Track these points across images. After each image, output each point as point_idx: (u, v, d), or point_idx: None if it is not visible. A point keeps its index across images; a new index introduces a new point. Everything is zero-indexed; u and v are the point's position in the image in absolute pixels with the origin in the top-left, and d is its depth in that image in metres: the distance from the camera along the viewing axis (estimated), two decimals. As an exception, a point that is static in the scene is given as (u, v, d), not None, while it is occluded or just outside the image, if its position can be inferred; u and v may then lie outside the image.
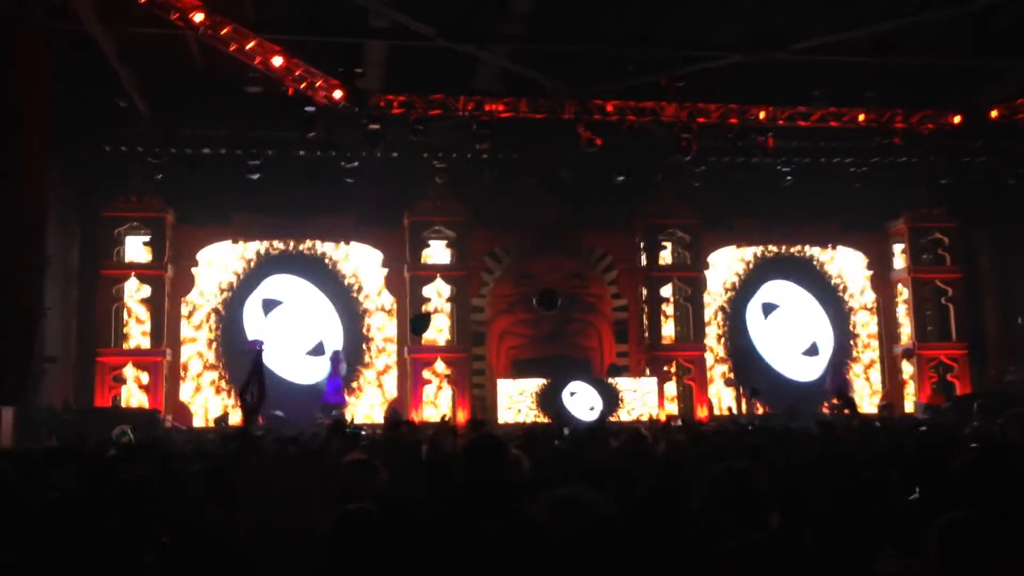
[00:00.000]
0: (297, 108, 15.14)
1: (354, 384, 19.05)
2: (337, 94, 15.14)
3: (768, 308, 20.88)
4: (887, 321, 21.27)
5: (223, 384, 18.62)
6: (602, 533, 3.12)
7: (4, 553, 3.43)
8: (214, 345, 18.83)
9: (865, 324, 21.36)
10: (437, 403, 18.68)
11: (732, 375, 20.05)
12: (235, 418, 17.54)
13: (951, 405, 17.69)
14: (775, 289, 21.01)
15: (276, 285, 19.21)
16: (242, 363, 17.45)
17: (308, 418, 16.42)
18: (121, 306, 18.16)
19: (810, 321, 20.99)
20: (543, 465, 6.13)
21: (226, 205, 18.59)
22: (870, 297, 21.42)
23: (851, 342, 21.17)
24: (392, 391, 19.23)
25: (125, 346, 18.06)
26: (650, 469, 5.96)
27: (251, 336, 18.31)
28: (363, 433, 12.69)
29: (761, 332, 20.77)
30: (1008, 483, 4.08)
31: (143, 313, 18.20)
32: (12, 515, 4.19)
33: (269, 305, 19.06)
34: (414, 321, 14.81)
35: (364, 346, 19.39)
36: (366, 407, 19.06)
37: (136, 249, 18.48)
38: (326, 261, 19.51)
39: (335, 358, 18.00)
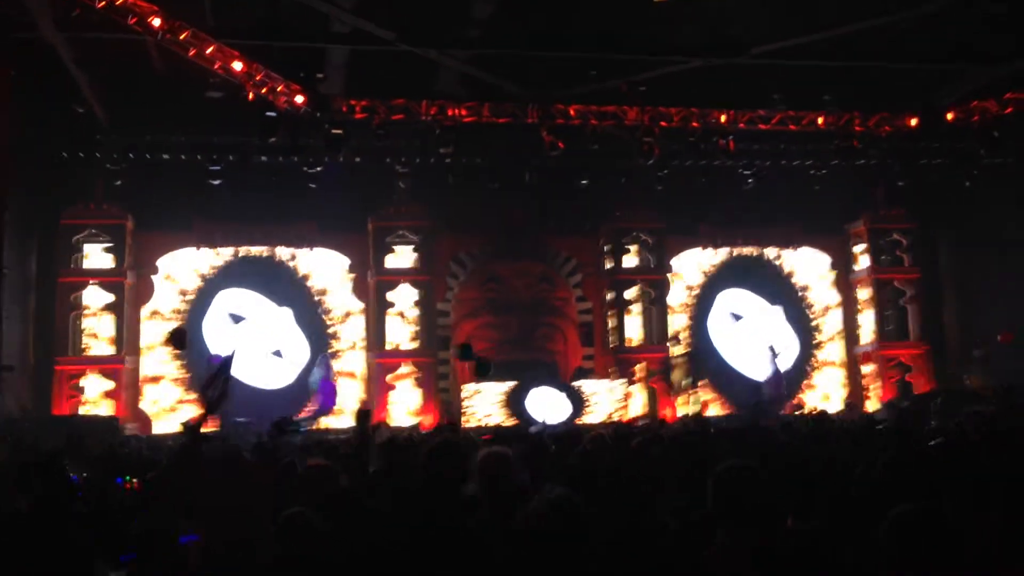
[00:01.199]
0: (258, 113, 15.05)
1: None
2: (298, 99, 15.09)
3: (736, 316, 21.02)
4: (848, 321, 21.51)
5: (184, 391, 18.44)
6: (587, 533, 3.13)
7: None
8: (175, 352, 18.61)
9: (825, 326, 21.58)
10: (390, 409, 18.62)
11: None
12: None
13: (910, 404, 17.89)
14: (738, 293, 21.15)
15: (239, 293, 19.05)
16: (204, 372, 17.33)
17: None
18: (80, 314, 17.92)
19: (771, 323, 21.17)
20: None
21: (187, 212, 18.43)
22: (833, 298, 21.65)
23: (812, 343, 21.38)
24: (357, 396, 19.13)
25: (85, 354, 17.84)
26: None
27: (213, 348, 18.14)
28: (303, 430, 12.57)
29: (724, 335, 20.91)
30: (964, 478, 4.14)
31: (104, 321, 17.97)
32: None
33: (237, 318, 18.92)
34: (466, 355, 14.99)
35: (329, 352, 19.28)
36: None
37: (96, 257, 18.25)
38: (290, 267, 19.39)
39: (324, 361, 17.87)
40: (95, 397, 17.47)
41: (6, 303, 14.41)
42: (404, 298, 19.22)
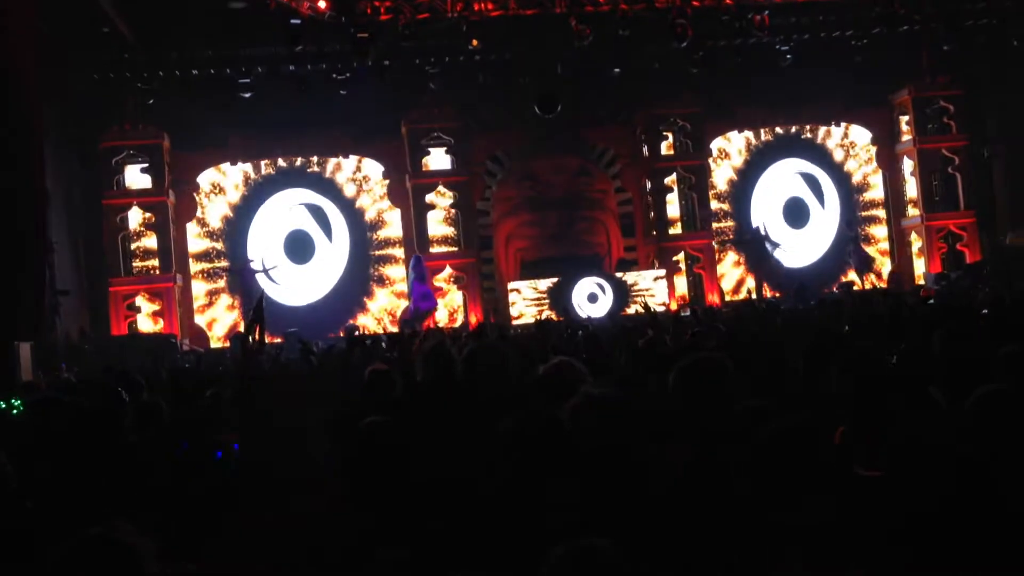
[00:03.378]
0: (282, 22, 14.83)
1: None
2: (321, 4, 14.83)
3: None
4: (894, 194, 21.16)
5: (233, 304, 18.78)
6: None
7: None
8: (221, 267, 18.94)
9: (873, 200, 21.26)
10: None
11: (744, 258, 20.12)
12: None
13: (962, 273, 17.69)
14: (781, 172, 20.82)
15: (279, 206, 19.17)
16: (246, 282, 17.66)
17: (320, 334, 16.54)
18: (127, 235, 18.22)
19: (816, 203, 20.91)
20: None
21: (221, 127, 18.39)
22: (877, 171, 21.26)
23: (859, 219, 21.09)
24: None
25: (135, 275, 18.20)
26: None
27: (252, 256, 18.40)
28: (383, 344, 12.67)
29: (769, 216, 20.67)
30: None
31: (149, 240, 18.26)
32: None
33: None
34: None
35: (369, 258, 19.49)
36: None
37: (136, 177, 18.42)
38: (326, 176, 19.43)
39: (417, 265, 17.95)
40: (149, 316, 17.88)
41: (54, 229, 14.60)
42: (442, 200, 19.21)
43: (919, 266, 20.52)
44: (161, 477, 3.81)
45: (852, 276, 19.95)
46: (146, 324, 17.83)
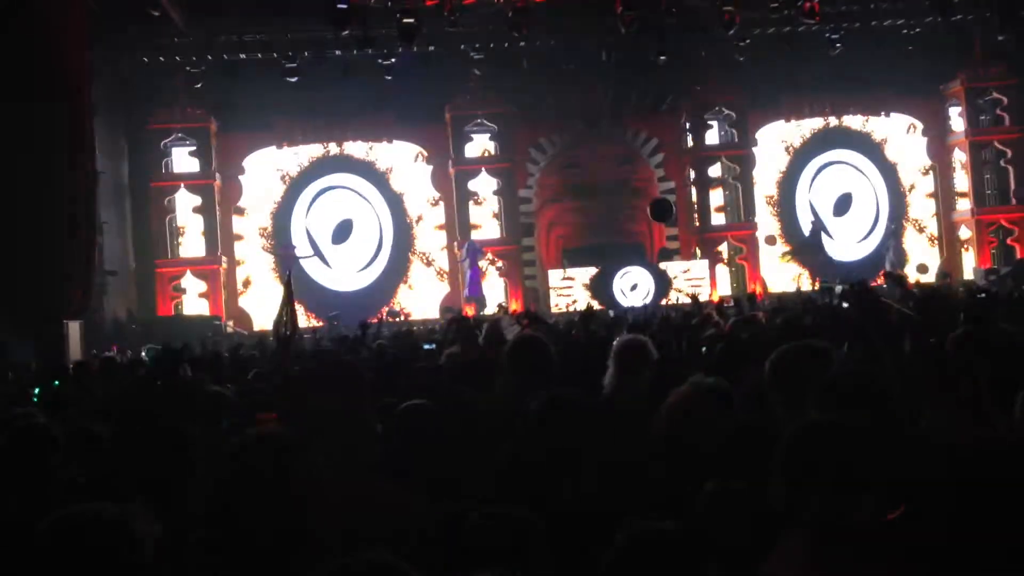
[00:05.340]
0: (329, 6, 14.87)
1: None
2: (368, -12, 14.84)
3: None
4: (944, 187, 20.77)
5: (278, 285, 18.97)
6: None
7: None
8: (267, 250, 19.12)
9: (923, 192, 20.90)
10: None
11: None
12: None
13: (1011, 269, 17.34)
14: (828, 165, 20.53)
15: (323, 189, 19.30)
16: (287, 265, 17.80)
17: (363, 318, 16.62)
18: (174, 217, 18.46)
19: (865, 194, 20.59)
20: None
21: (268, 111, 18.53)
22: (928, 164, 20.88)
23: (906, 211, 20.74)
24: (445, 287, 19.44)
25: (181, 256, 18.44)
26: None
27: (294, 240, 18.56)
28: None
29: (815, 208, 20.40)
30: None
31: (196, 223, 18.48)
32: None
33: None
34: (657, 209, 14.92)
35: (412, 244, 19.56)
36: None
37: (183, 160, 18.65)
38: (370, 160, 19.52)
39: (471, 248, 17.99)
40: (195, 298, 18.12)
41: (103, 209, 14.84)
42: (485, 187, 19.22)
43: (968, 260, 20.14)
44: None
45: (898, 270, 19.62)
46: (192, 306, 18.06)
